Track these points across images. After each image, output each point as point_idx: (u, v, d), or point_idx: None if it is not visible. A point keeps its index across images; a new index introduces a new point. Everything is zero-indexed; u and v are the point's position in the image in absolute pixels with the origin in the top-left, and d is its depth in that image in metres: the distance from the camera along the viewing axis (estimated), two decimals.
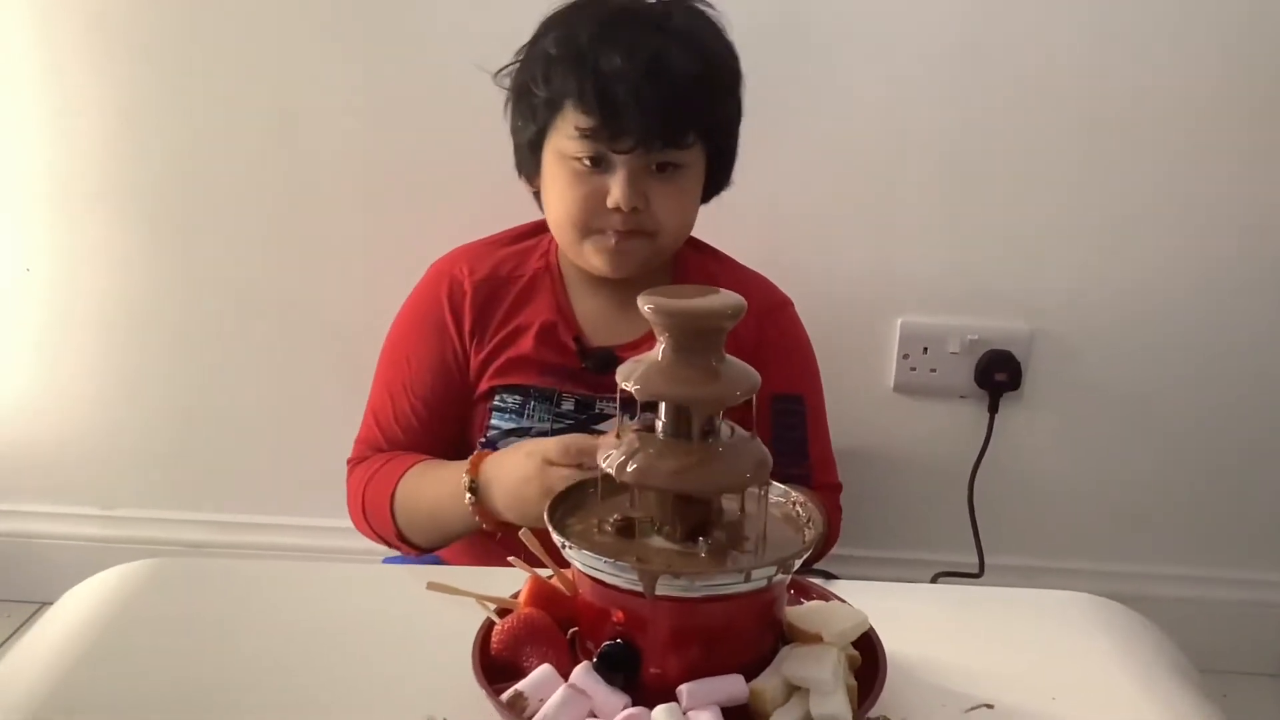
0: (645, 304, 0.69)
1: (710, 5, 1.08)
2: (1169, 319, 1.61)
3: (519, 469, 0.96)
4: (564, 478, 0.88)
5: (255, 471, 1.76)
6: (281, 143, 1.59)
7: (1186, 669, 0.86)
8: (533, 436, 1.10)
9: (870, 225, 1.60)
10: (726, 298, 0.70)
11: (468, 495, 1.01)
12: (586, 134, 1.01)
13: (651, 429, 0.71)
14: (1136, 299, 1.60)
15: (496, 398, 1.13)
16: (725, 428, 0.72)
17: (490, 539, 1.06)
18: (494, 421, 1.13)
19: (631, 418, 0.74)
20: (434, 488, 1.07)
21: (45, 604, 0.93)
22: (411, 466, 1.10)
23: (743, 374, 0.70)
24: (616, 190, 1.02)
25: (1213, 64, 1.50)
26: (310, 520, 1.77)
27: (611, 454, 0.70)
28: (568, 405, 1.11)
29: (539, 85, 1.05)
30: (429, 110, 1.56)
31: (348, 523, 1.74)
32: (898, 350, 1.64)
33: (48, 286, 1.68)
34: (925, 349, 1.63)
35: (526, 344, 1.12)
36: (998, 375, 1.62)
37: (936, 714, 0.75)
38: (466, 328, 1.14)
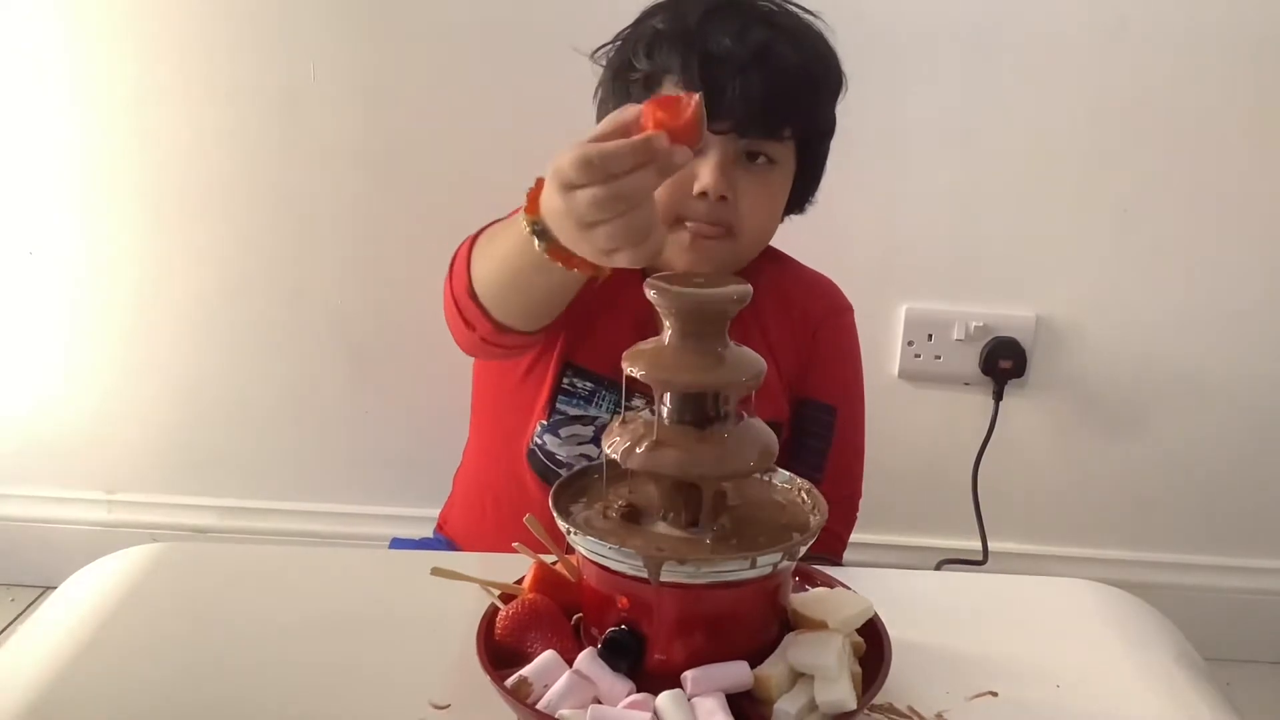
0: (650, 290, 0.69)
1: (816, 15, 1.06)
2: (1174, 307, 1.61)
3: (553, 202, 0.74)
4: (591, 203, 0.69)
5: (259, 456, 1.76)
6: (286, 129, 1.59)
7: (1192, 657, 0.85)
8: (598, 425, 1.07)
9: (876, 211, 1.59)
10: (732, 284, 0.70)
11: (536, 243, 0.81)
12: None
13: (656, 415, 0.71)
14: (1142, 287, 1.60)
15: (566, 380, 1.08)
16: (731, 414, 0.71)
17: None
18: (559, 406, 1.07)
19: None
20: (506, 235, 0.88)
21: (49, 588, 0.93)
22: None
23: (749, 360, 0.70)
24: (705, 174, 0.98)
25: (1221, 55, 1.49)
26: (314, 505, 1.77)
27: (617, 440, 0.70)
28: (637, 401, 1.08)
29: (640, 60, 1.02)
30: (433, 96, 1.56)
31: (351, 508, 1.77)
32: (902, 337, 1.63)
33: (51, 271, 1.68)
34: (930, 336, 1.63)
35: (616, 330, 1.04)
36: (1003, 362, 1.61)
37: (940, 701, 0.75)
38: None
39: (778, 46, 0.99)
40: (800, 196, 1.12)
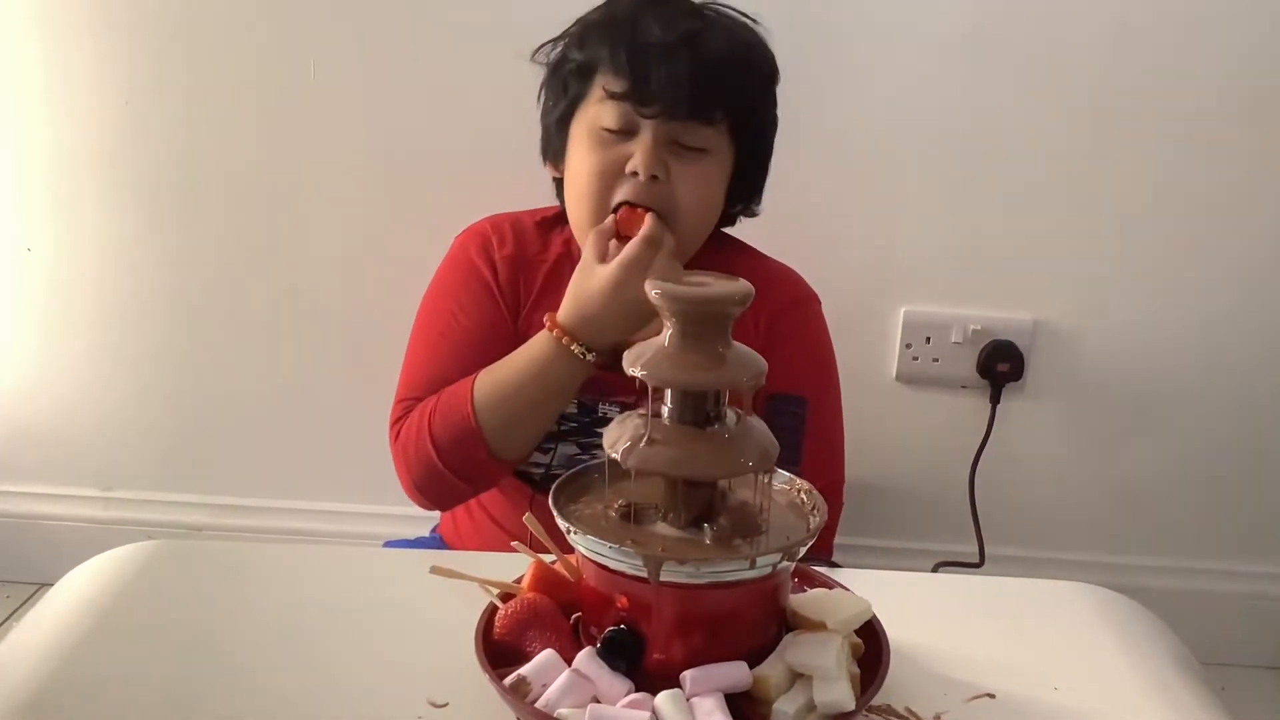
0: (652, 289, 0.69)
1: (751, 17, 1.09)
2: (1172, 311, 1.61)
3: (622, 296, 0.99)
4: (670, 253, 1.01)
5: (255, 454, 1.76)
6: (282, 126, 1.59)
7: (1189, 660, 0.86)
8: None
9: (874, 214, 1.59)
10: (734, 284, 0.70)
11: (591, 355, 1.00)
12: (616, 96, 1.02)
13: (657, 415, 0.71)
14: (1140, 291, 1.60)
15: None
16: (731, 414, 0.71)
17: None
18: None
19: None
20: (524, 370, 1.03)
21: (45, 585, 0.93)
22: (475, 378, 1.05)
23: (749, 361, 0.70)
24: (638, 154, 1.02)
25: (1220, 58, 1.49)
26: (310, 504, 1.77)
27: (617, 439, 0.70)
28: (570, 408, 1.10)
29: (574, 51, 1.07)
30: (430, 95, 1.56)
31: (350, 506, 1.76)
32: (900, 339, 1.63)
33: (49, 267, 1.68)
34: (928, 338, 1.63)
35: None
36: (1000, 365, 1.62)
37: (938, 703, 0.75)
38: (506, 297, 1.14)
39: (705, 34, 1.02)
40: (746, 194, 1.13)
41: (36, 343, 1.72)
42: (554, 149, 1.12)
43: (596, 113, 1.04)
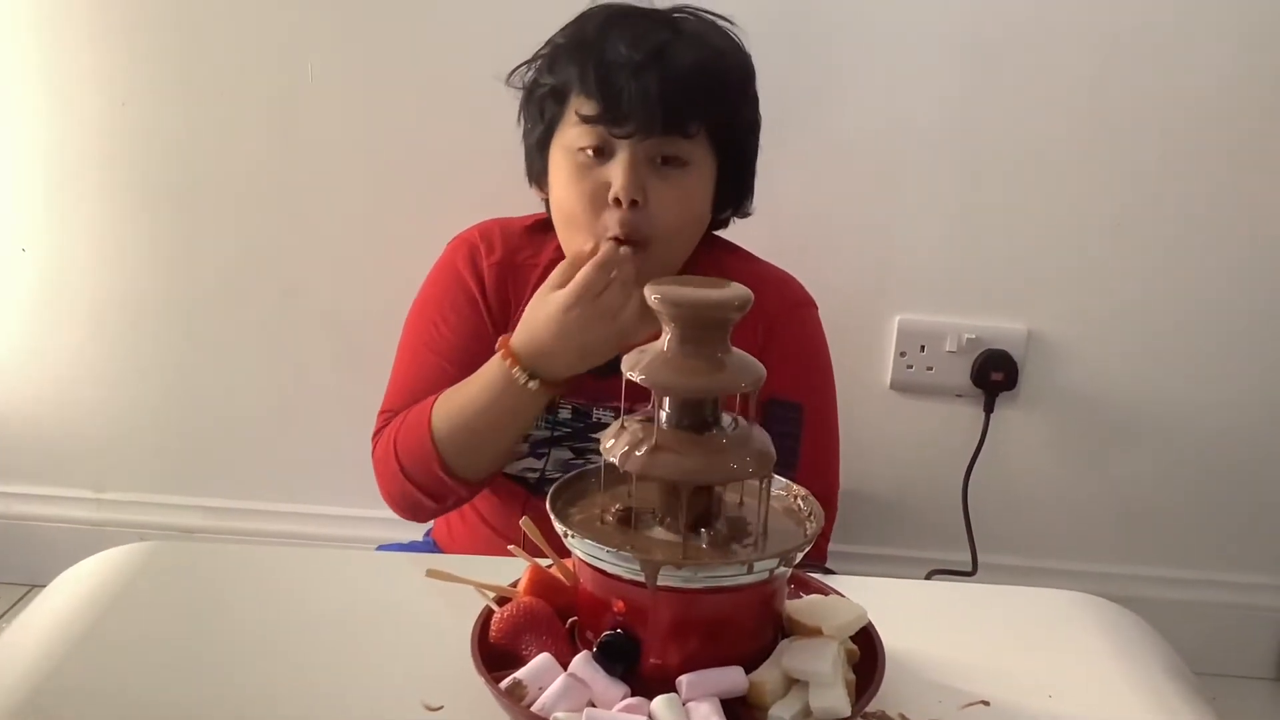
0: (652, 294, 0.69)
1: (726, 18, 1.08)
2: (1165, 321, 1.61)
3: (571, 323, 0.97)
4: (621, 287, 0.97)
5: (249, 457, 1.76)
6: (279, 126, 1.59)
7: (1182, 669, 0.86)
8: (530, 443, 1.10)
9: (869, 223, 1.60)
10: (733, 289, 0.70)
11: (532, 383, 0.99)
12: (589, 119, 1.01)
13: (655, 419, 0.71)
14: (1133, 301, 1.61)
15: None
16: (728, 420, 0.72)
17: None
18: None
19: None
20: (477, 396, 1.02)
21: (37, 586, 0.93)
22: (436, 398, 1.06)
23: (748, 366, 0.70)
24: (617, 179, 1.00)
25: (1214, 67, 1.50)
26: (305, 507, 1.77)
27: (614, 444, 0.70)
28: (564, 413, 1.10)
29: (545, 75, 1.06)
30: (429, 96, 1.56)
31: (343, 509, 1.76)
32: (895, 348, 1.64)
33: (44, 268, 1.67)
34: (922, 347, 1.63)
35: None
36: (994, 375, 1.62)
37: (933, 710, 0.75)
38: (492, 307, 1.13)
39: (674, 47, 1.01)
40: (735, 198, 1.12)
41: (30, 343, 1.71)
42: (536, 171, 1.11)
43: (573, 135, 1.03)
